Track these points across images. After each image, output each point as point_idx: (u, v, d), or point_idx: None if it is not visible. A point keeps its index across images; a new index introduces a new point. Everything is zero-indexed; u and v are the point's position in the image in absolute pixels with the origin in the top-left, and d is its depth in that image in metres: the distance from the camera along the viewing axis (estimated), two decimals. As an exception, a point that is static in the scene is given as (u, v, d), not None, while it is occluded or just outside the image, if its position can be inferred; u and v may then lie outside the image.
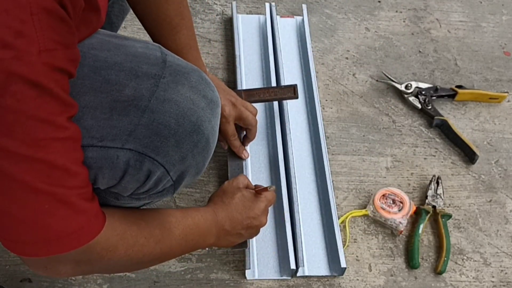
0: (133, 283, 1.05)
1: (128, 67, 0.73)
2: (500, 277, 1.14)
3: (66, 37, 0.59)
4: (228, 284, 1.07)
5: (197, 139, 0.75)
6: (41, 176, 0.59)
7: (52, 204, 0.61)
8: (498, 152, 1.33)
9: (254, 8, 1.54)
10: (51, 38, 0.57)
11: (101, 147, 0.70)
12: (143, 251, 0.76)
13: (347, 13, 1.56)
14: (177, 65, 0.77)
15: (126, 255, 0.73)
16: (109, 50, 0.75)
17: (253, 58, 1.40)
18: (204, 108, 0.76)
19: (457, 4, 1.63)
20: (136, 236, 0.74)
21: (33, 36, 0.55)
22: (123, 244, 0.72)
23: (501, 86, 1.45)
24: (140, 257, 0.76)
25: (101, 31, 0.78)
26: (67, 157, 0.62)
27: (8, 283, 1.03)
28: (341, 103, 1.37)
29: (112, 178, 0.72)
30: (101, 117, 0.70)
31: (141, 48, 0.77)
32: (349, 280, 1.10)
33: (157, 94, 0.72)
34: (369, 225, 1.17)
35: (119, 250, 0.71)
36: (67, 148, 0.62)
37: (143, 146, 0.71)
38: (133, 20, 1.45)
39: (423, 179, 1.26)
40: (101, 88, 0.71)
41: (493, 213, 1.23)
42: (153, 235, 0.77)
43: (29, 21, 0.55)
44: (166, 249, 0.80)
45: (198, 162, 0.78)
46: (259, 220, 0.97)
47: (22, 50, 0.54)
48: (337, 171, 1.25)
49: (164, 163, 0.73)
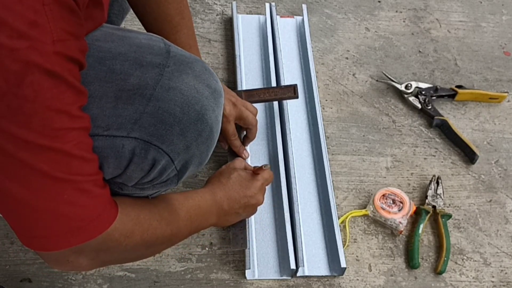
0: (133, 283, 1.05)
1: (132, 57, 0.74)
2: (500, 277, 1.14)
3: (76, 28, 0.60)
4: (228, 284, 1.07)
5: (201, 128, 0.76)
6: (59, 166, 0.61)
7: (71, 193, 0.63)
8: (498, 152, 1.33)
9: (254, 8, 1.54)
10: (63, 28, 0.57)
11: (107, 136, 0.71)
12: (157, 233, 0.77)
13: (347, 13, 1.56)
14: (181, 55, 0.78)
15: (142, 240, 0.75)
16: (113, 41, 0.76)
17: (253, 58, 1.40)
18: (208, 97, 0.77)
19: (457, 4, 1.63)
20: (149, 219, 0.76)
21: (46, 26, 0.56)
22: (138, 228, 0.73)
23: (501, 86, 1.45)
24: (154, 240, 0.78)
25: (105, 25, 0.79)
26: (82, 145, 0.63)
27: (8, 283, 1.03)
28: (341, 103, 1.37)
29: (117, 167, 0.73)
30: (106, 106, 0.71)
31: (145, 40, 0.78)
32: (349, 280, 1.10)
33: (161, 82, 0.73)
34: (369, 225, 1.17)
35: (136, 235, 0.73)
36: (82, 137, 0.63)
37: (148, 135, 0.72)
38: (133, 20, 1.45)
39: (423, 179, 1.26)
40: (106, 78, 0.72)
41: (493, 213, 1.23)
42: (164, 218, 0.79)
43: (42, 11, 0.55)
44: (176, 230, 0.82)
45: (202, 151, 0.79)
46: (256, 198, 0.99)
47: (37, 40, 0.55)
48: (337, 171, 1.25)
49: (169, 151, 0.74)
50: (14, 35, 0.53)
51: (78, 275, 1.04)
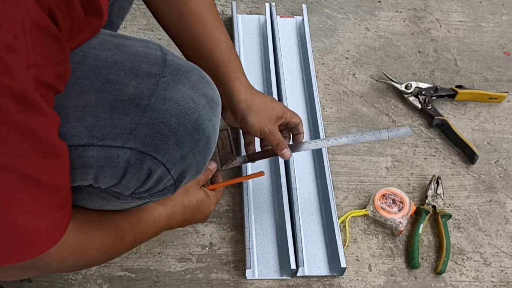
0: (133, 283, 1.05)
1: (128, 66, 0.73)
2: (500, 277, 1.14)
3: (57, 53, 0.60)
4: (228, 284, 1.07)
5: (198, 137, 0.75)
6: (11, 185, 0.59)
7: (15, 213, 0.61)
8: (498, 152, 1.33)
9: (254, 8, 1.54)
10: (41, 54, 0.57)
11: (102, 146, 0.70)
12: (91, 260, 0.80)
13: (347, 13, 1.56)
14: (177, 64, 0.77)
15: (74, 265, 0.76)
16: (110, 50, 0.75)
17: (253, 58, 1.40)
18: (205, 107, 0.76)
19: (457, 4, 1.63)
20: (87, 249, 0.77)
21: (23, 51, 0.55)
22: (73, 256, 0.74)
23: (501, 86, 1.45)
24: (88, 264, 0.82)
25: (102, 31, 0.78)
26: (47, 170, 0.61)
27: (8, 283, 1.03)
28: (341, 103, 1.37)
29: (113, 177, 0.72)
30: (101, 116, 0.70)
31: (141, 48, 0.77)
32: (349, 280, 1.10)
33: (157, 93, 0.72)
34: (369, 225, 1.17)
35: (69, 261, 0.73)
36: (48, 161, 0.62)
37: (143, 145, 0.71)
38: (133, 20, 1.46)
39: (423, 179, 1.26)
40: (102, 87, 0.72)
41: (493, 213, 1.23)
42: (104, 245, 0.80)
43: (22, 36, 0.54)
44: (114, 255, 0.86)
45: (199, 160, 0.78)
46: (206, 214, 1.03)
47: (11, 64, 0.54)
48: (337, 171, 1.25)
49: (165, 161, 0.73)
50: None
51: (78, 275, 1.04)
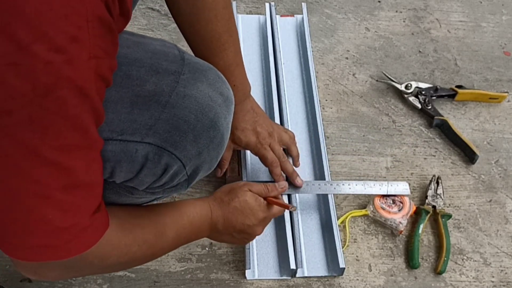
0: (133, 283, 1.05)
1: (148, 63, 0.75)
2: (500, 277, 1.14)
3: (111, 47, 0.61)
4: (228, 284, 1.07)
5: (213, 134, 0.77)
6: (56, 182, 0.58)
7: (56, 214, 0.60)
8: (498, 152, 1.33)
9: (254, 8, 1.54)
10: (100, 46, 0.58)
11: (121, 140, 0.71)
12: (135, 257, 0.76)
13: (347, 13, 1.56)
14: (195, 62, 0.79)
15: (117, 262, 0.73)
16: (129, 47, 0.77)
17: (253, 58, 1.40)
18: (221, 105, 0.78)
19: (457, 4, 1.63)
20: (130, 245, 0.74)
21: (86, 42, 0.55)
22: (116, 253, 0.72)
23: (501, 86, 1.45)
24: (130, 262, 0.77)
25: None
26: (87, 167, 0.61)
27: (8, 283, 1.03)
28: (341, 103, 1.37)
29: (129, 172, 0.73)
30: (122, 111, 0.72)
31: (159, 46, 0.79)
32: (349, 280, 1.10)
33: (177, 90, 0.74)
34: (369, 225, 1.17)
35: (111, 258, 0.71)
36: (89, 157, 0.62)
37: (162, 141, 0.72)
38: (133, 20, 1.45)
39: (423, 179, 1.26)
40: (122, 83, 0.73)
41: (493, 213, 1.23)
42: (147, 242, 0.78)
43: (85, 28, 0.55)
44: (157, 252, 0.82)
45: (212, 157, 0.80)
46: (253, 229, 0.94)
47: (74, 54, 0.54)
48: (337, 171, 1.25)
49: (182, 157, 0.75)
50: (52, 48, 0.53)
51: (78, 275, 1.04)
